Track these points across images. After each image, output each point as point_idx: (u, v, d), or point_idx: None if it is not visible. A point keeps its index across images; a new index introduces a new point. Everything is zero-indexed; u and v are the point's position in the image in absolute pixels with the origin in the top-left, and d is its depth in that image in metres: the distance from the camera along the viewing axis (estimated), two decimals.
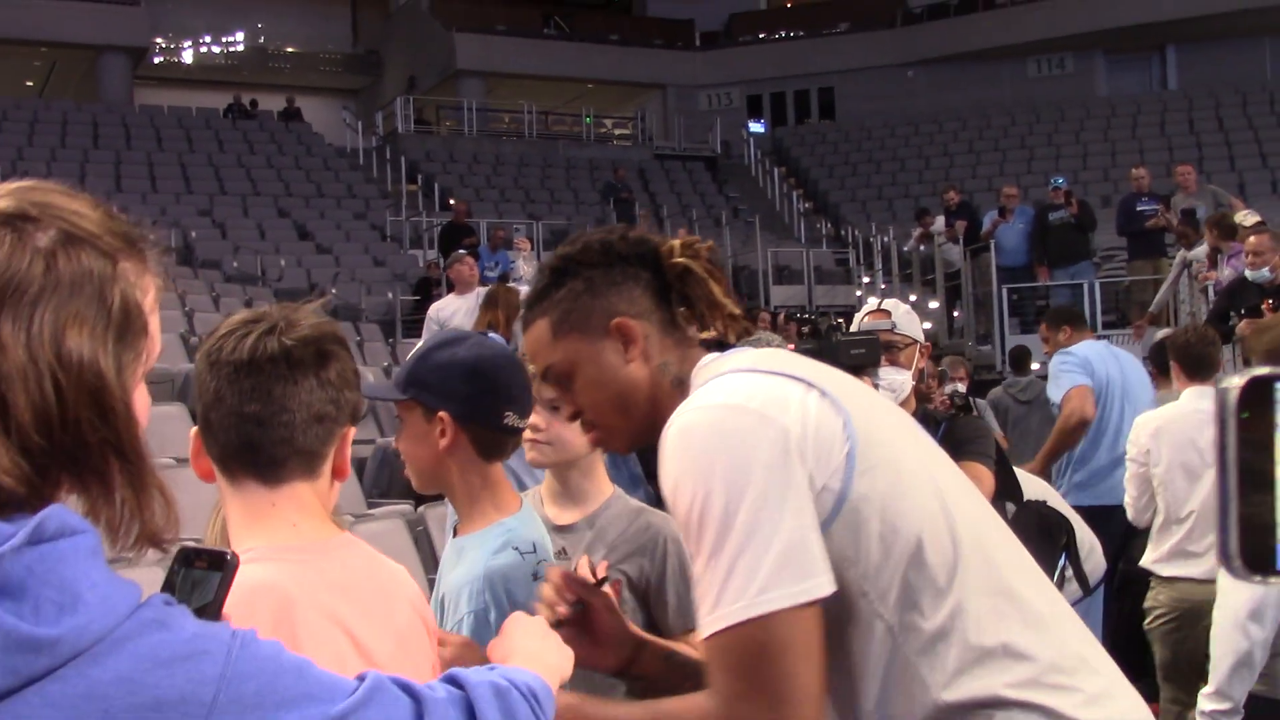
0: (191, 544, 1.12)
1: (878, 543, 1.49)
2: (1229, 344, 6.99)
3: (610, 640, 1.84)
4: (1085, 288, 12.43)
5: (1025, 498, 3.33)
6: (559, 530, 2.37)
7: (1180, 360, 4.60)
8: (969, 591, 1.49)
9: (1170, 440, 4.45)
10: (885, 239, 16.16)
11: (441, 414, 2.05)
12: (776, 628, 1.45)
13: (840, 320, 3.57)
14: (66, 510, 0.95)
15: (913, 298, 14.86)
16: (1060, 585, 3.16)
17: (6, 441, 0.94)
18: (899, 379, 3.17)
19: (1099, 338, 7.72)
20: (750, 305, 12.11)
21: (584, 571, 1.95)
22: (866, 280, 16.35)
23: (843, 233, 18.92)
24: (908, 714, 1.48)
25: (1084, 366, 5.72)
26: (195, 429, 1.58)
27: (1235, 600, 3.77)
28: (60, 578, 0.91)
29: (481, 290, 9.35)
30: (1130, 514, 4.64)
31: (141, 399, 1.05)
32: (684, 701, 1.56)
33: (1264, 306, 6.64)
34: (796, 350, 2.92)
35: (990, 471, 3.05)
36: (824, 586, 1.46)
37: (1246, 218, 8.86)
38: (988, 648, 1.47)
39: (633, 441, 1.77)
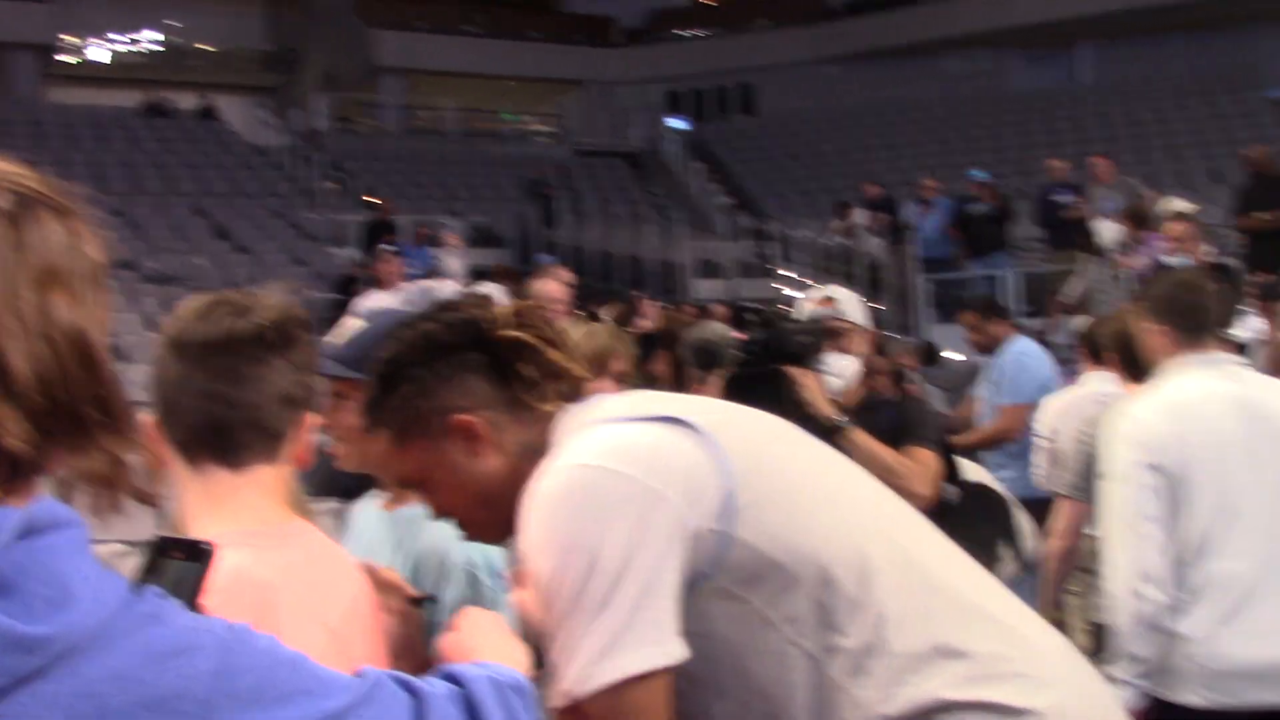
0: (167, 534, 1.10)
1: (775, 571, 1.45)
2: None
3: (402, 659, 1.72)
4: (1003, 278, 12.62)
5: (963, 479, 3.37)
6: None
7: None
8: (888, 597, 1.45)
9: (1073, 419, 4.44)
10: (806, 233, 16.26)
11: None
12: (619, 699, 1.41)
13: (788, 307, 3.61)
14: (55, 502, 0.93)
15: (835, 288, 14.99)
16: (997, 565, 3.19)
17: (14, 407, 0.90)
18: (845, 364, 3.18)
19: (1018, 328, 7.88)
20: (677, 300, 12.13)
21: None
22: (788, 274, 16.44)
23: (764, 227, 19.01)
24: None
25: (1042, 383, 5.69)
26: (148, 417, 1.53)
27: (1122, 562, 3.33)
28: (51, 573, 0.88)
29: (409, 286, 9.30)
30: (1042, 481, 4.69)
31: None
32: None
33: None
34: (746, 340, 2.95)
35: (936, 455, 3.08)
36: (670, 654, 1.42)
37: (1174, 204, 9.07)
38: (919, 652, 1.43)
39: (505, 532, 1.66)
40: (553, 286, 5.12)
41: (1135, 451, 2.80)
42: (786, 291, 15.64)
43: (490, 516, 1.64)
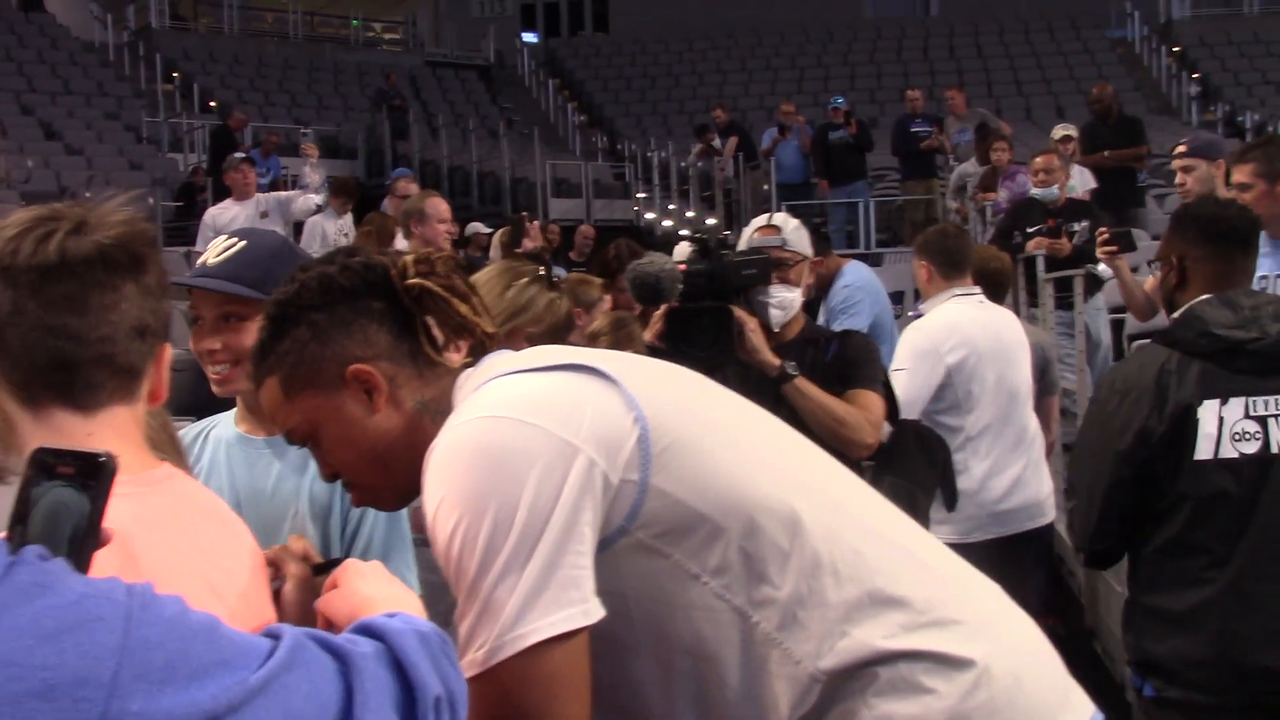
0: (50, 447, 0.91)
1: (697, 521, 1.37)
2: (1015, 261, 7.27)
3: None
4: (860, 206, 12.79)
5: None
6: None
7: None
8: (820, 545, 1.38)
9: None
10: (663, 154, 16.21)
11: None
12: (534, 664, 1.31)
13: (728, 234, 3.51)
14: None
15: (690, 213, 15.04)
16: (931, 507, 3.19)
17: None
18: (789, 296, 3.10)
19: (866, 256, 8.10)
20: (528, 216, 11.92)
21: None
22: (643, 195, 16.40)
23: (619, 147, 18.89)
24: (786, 698, 1.36)
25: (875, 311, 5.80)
26: None
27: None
28: None
29: (261, 197, 8.94)
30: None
31: None
32: None
33: (1049, 224, 6.94)
34: (687, 271, 2.85)
35: (881, 399, 3.02)
36: (588, 613, 1.33)
37: (1059, 129, 9.31)
38: (854, 601, 1.37)
39: (401, 497, 1.58)
40: (443, 204, 4.93)
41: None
42: (646, 214, 15.64)
43: (383, 479, 1.54)
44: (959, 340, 4.08)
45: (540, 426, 1.35)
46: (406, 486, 1.50)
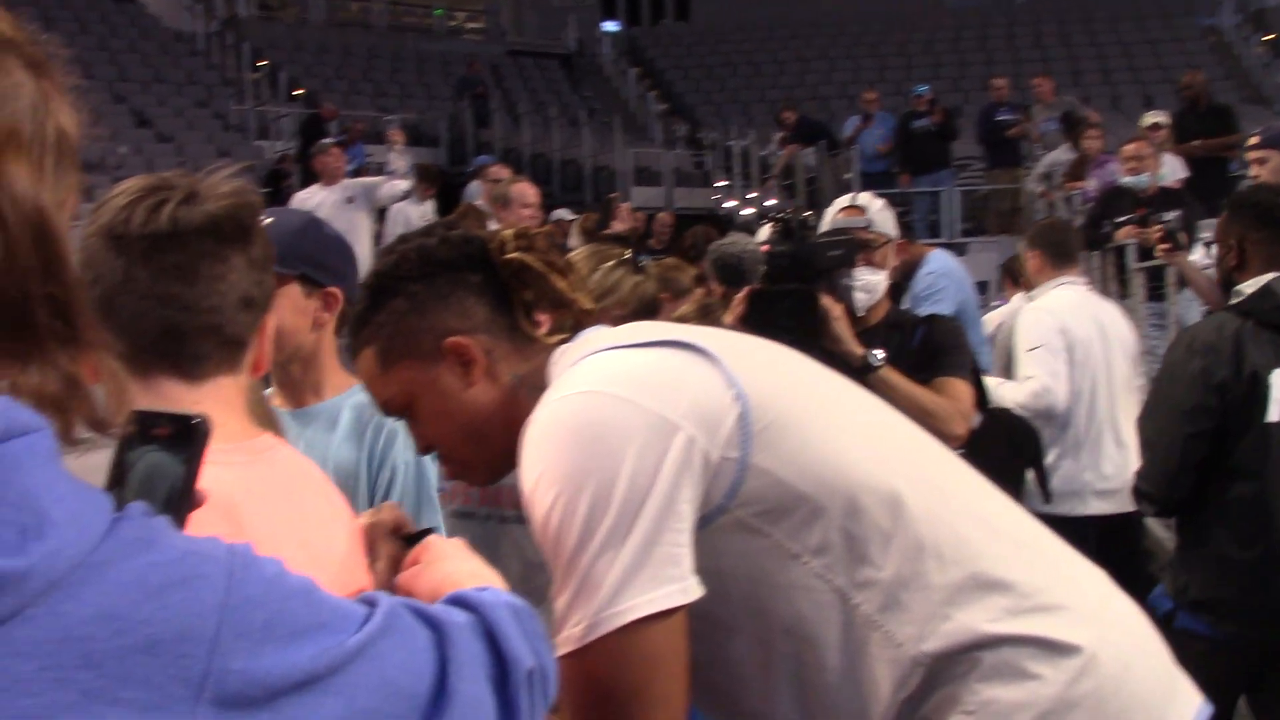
0: (146, 410, 0.91)
1: (798, 501, 1.35)
2: (1099, 249, 7.17)
3: None
4: (944, 196, 12.64)
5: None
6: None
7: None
8: (923, 527, 1.36)
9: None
10: (744, 142, 16.14)
11: (331, 290, 2.14)
12: (632, 641, 1.30)
13: (809, 214, 3.48)
14: (14, 403, 0.75)
15: (770, 202, 14.96)
16: (1024, 498, 3.13)
17: None
18: (874, 279, 3.03)
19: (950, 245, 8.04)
20: (619, 198, 11.88)
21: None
22: (723, 183, 16.35)
23: (699, 135, 18.83)
24: (888, 680, 1.34)
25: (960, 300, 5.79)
26: None
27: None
28: (18, 491, 0.73)
29: (347, 183, 9.05)
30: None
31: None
32: None
33: (1139, 213, 6.82)
34: (770, 252, 2.82)
35: (970, 386, 2.94)
36: (687, 591, 1.32)
37: (1149, 117, 9.14)
38: (957, 584, 1.34)
39: (494, 472, 1.59)
40: (530, 189, 4.96)
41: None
42: (726, 203, 15.60)
43: (477, 454, 1.55)
44: (1067, 323, 4.26)
45: (639, 403, 1.34)
46: (500, 460, 1.52)
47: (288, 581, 0.84)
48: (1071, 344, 4.27)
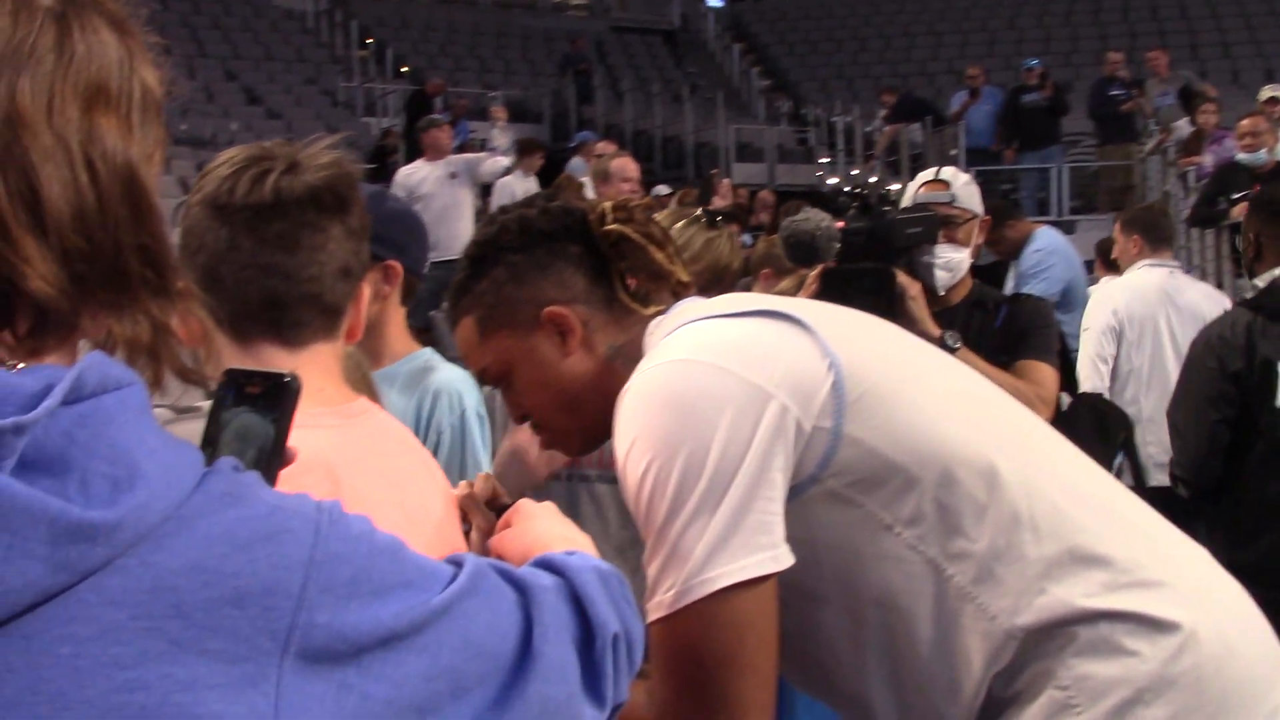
0: (239, 369, 0.93)
1: (891, 471, 1.33)
2: (1213, 227, 6.99)
3: None
4: (1054, 172, 12.39)
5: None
6: None
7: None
8: (1019, 499, 1.33)
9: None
10: (848, 119, 15.97)
11: (390, 263, 2.17)
12: (722, 608, 1.29)
13: (890, 189, 3.40)
14: (104, 357, 0.77)
15: (874, 179, 14.80)
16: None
17: (43, 243, 0.75)
18: (956, 257, 2.93)
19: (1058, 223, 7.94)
20: (719, 174, 11.84)
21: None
22: (826, 160, 16.21)
23: (803, 111, 18.68)
24: (980, 653, 1.32)
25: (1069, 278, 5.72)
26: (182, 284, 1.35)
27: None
28: (110, 444, 0.74)
29: (452, 159, 9.13)
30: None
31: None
32: None
33: (1255, 191, 6.63)
34: (846, 229, 2.77)
35: (1054, 370, 2.83)
36: (778, 559, 1.30)
37: (1265, 92, 8.88)
38: (1054, 557, 1.31)
39: (588, 442, 1.59)
40: (630, 164, 4.96)
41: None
42: (829, 179, 15.46)
43: (571, 423, 1.56)
44: (1122, 304, 4.47)
45: (734, 371, 1.34)
46: (595, 430, 1.52)
47: (375, 539, 0.84)
48: (1125, 324, 4.51)
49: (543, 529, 1.25)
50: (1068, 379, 2.99)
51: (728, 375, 1.34)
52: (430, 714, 0.84)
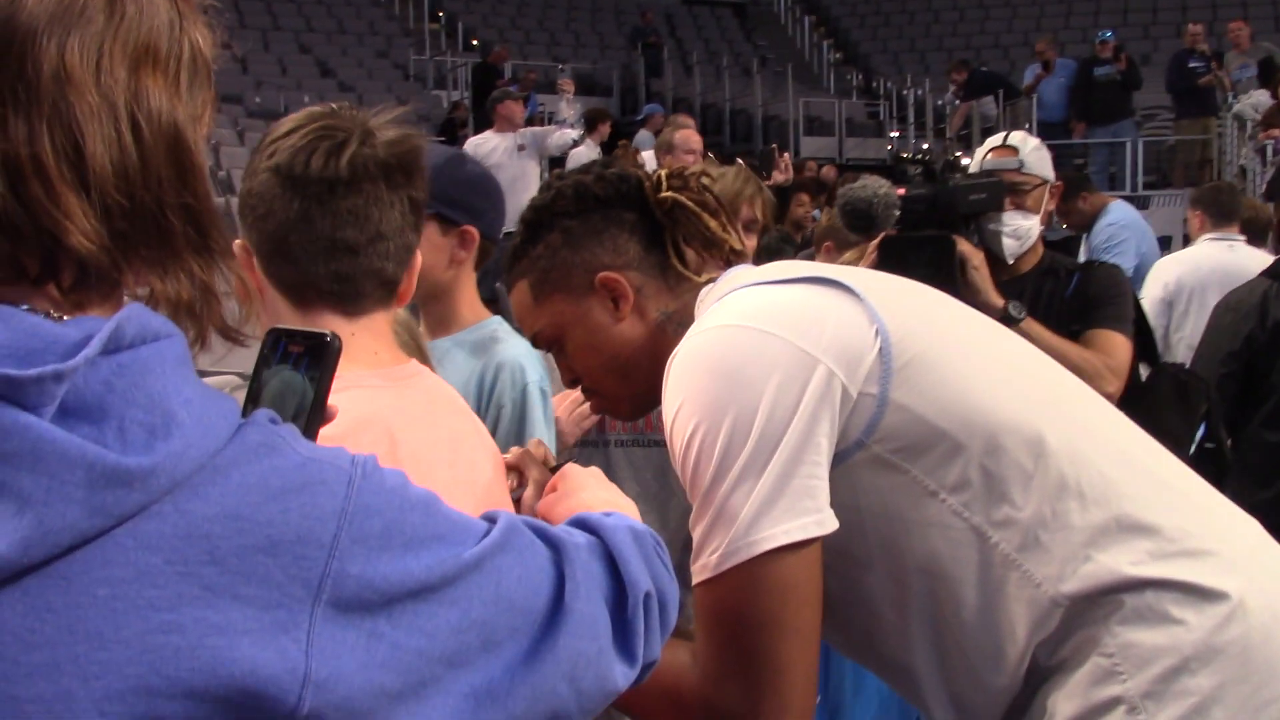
0: (282, 327, 0.95)
1: (937, 438, 1.32)
2: None
3: None
4: (1127, 147, 12.18)
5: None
6: None
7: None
8: (1066, 466, 1.32)
9: None
10: (919, 92, 15.80)
11: (467, 228, 2.16)
12: (767, 571, 1.29)
13: (958, 155, 3.33)
14: (147, 310, 0.79)
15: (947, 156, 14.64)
16: (1195, 457, 2.96)
17: (85, 200, 0.77)
18: (1025, 224, 2.86)
19: (1131, 199, 7.83)
20: (778, 148, 11.75)
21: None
22: (896, 134, 16.05)
23: (874, 84, 18.50)
24: (1025, 621, 1.31)
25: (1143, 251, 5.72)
26: (240, 242, 1.36)
27: None
28: (147, 393, 0.75)
29: (523, 130, 9.17)
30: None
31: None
32: (667, 652, 1.39)
33: None
34: (906, 196, 2.73)
35: (1127, 340, 2.75)
36: (821, 524, 1.30)
37: None
38: (1100, 525, 1.30)
39: (637, 407, 1.60)
40: (694, 137, 4.95)
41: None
42: (895, 151, 15.31)
43: (623, 387, 1.57)
44: (1174, 277, 4.71)
45: (781, 337, 1.34)
46: (645, 396, 1.54)
47: (409, 493, 0.86)
48: (1175, 296, 4.73)
49: (589, 494, 1.27)
50: (1147, 349, 2.91)
51: (775, 340, 1.34)
52: (460, 666, 0.86)
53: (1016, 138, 3.05)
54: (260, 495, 0.78)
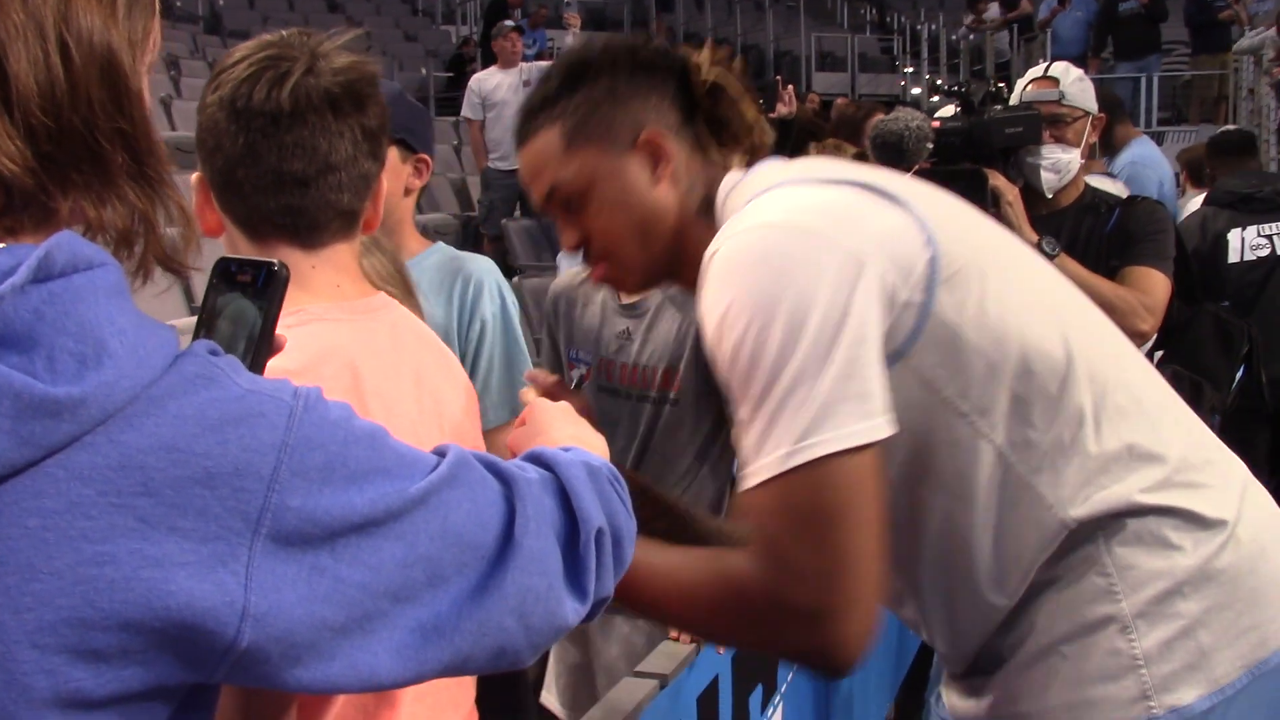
0: (231, 257, 0.94)
1: (973, 355, 1.30)
2: None
3: None
4: (1143, 82, 12.00)
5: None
6: None
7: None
8: (1085, 395, 1.33)
9: None
10: (933, 26, 15.61)
11: (423, 156, 2.22)
12: (830, 472, 1.25)
13: (1001, 86, 3.22)
14: (78, 238, 0.77)
15: (958, 88, 14.47)
16: (1232, 398, 2.88)
17: (6, 120, 0.76)
18: (1065, 158, 2.79)
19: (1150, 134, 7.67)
20: (782, 81, 11.62)
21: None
22: (910, 70, 15.88)
23: (888, 19, 18.29)
24: (1032, 541, 1.32)
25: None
26: (197, 175, 1.34)
27: None
28: (78, 322, 0.74)
29: (525, 66, 9.08)
30: None
31: (148, 98, 0.86)
32: (714, 561, 1.36)
33: None
34: (940, 129, 2.67)
35: (1166, 278, 2.70)
36: (882, 428, 1.26)
37: None
38: (1112, 453, 1.32)
39: (647, 278, 1.56)
40: None
41: None
42: (913, 89, 15.16)
43: (640, 255, 1.51)
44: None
45: (830, 235, 1.29)
46: (654, 270, 1.52)
47: (353, 426, 0.84)
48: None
49: (555, 430, 1.25)
50: (1186, 287, 2.85)
51: (824, 238, 1.29)
52: (406, 600, 0.84)
53: (1058, 68, 2.98)
54: (197, 426, 0.76)
